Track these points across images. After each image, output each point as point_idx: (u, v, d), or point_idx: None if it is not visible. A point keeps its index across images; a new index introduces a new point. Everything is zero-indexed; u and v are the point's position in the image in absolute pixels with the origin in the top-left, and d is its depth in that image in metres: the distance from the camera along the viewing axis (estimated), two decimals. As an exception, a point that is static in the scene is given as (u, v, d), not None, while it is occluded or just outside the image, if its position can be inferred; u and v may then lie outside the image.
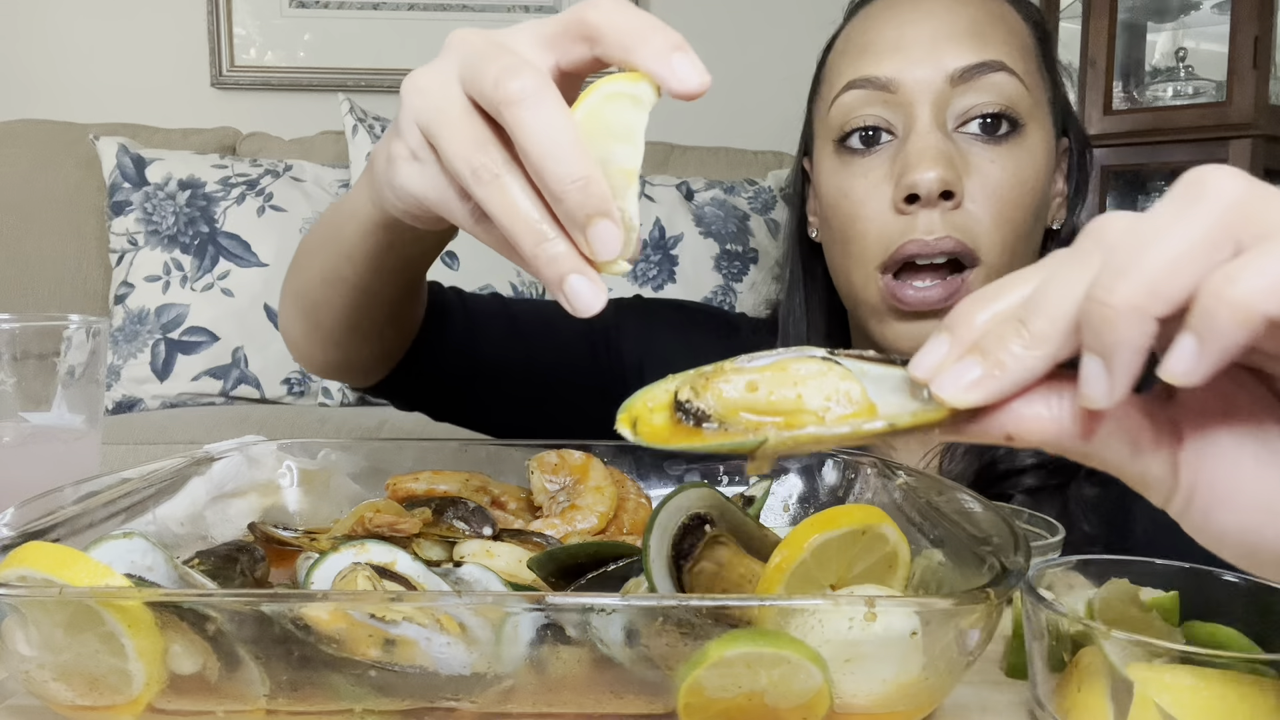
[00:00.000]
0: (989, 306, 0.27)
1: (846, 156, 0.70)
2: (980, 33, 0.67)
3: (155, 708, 0.34)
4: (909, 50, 0.67)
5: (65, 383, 0.58)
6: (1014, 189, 0.66)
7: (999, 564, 0.35)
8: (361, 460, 0.59)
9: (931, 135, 0.65)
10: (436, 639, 0.33)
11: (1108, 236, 0.25)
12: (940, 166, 0.63)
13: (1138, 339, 0.23)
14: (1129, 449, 0.27)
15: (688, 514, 0.42)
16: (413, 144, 0.38)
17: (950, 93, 0.66)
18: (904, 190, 0.65)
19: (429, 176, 0.38)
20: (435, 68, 0.37)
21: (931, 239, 0.65)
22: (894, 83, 0.67)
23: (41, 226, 1.96)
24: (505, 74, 0.33)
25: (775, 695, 0.32)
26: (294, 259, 0.64)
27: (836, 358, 0.31)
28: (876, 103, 0.68)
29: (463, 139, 0.35)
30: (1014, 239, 0.67)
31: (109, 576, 0.35)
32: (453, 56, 0.36)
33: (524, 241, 0.34)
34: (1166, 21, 2.31)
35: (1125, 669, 0.33)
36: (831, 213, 0.72)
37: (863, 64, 0.69)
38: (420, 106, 0.37)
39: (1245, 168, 1.76)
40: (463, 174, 0.35)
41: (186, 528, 0.50)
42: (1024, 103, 0.67)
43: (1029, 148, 0.67)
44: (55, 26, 2.28)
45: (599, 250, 0.33)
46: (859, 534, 0.39)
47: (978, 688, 0.41)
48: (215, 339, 1.77)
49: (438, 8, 2.33)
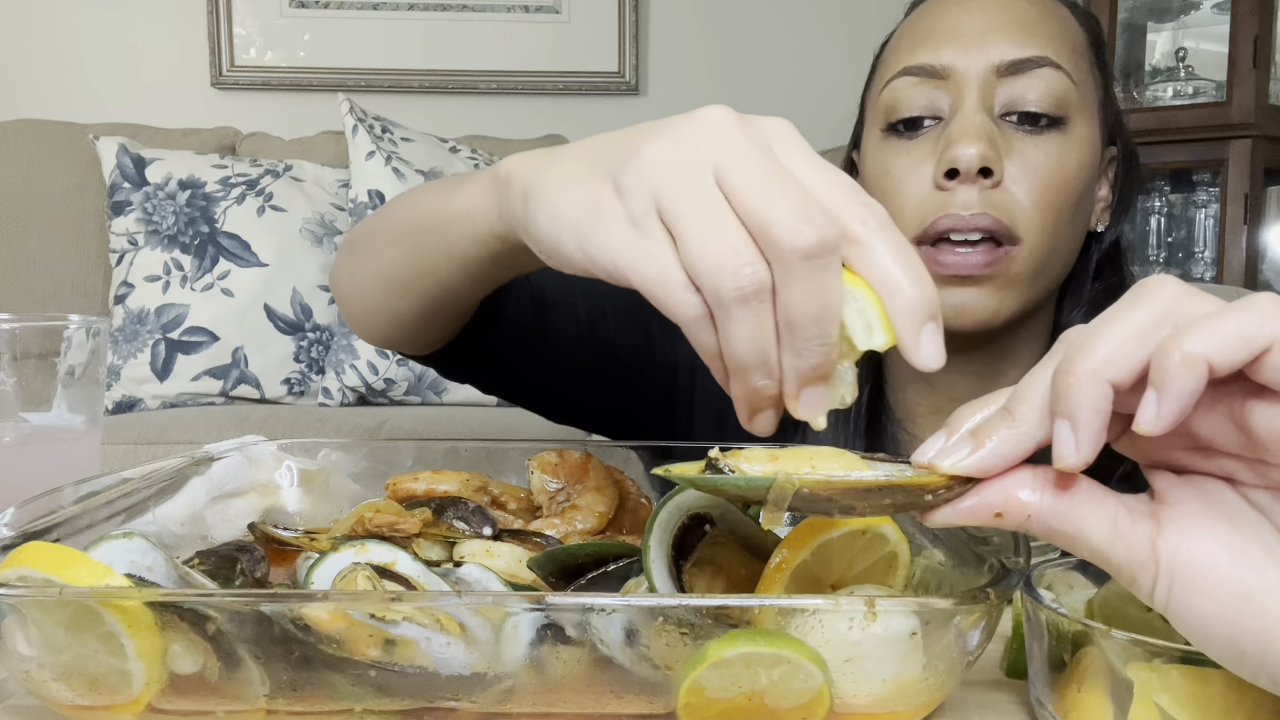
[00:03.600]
0: (980, 410, 0.31)
1: (892, 138, 0.71)
2: (1032, 28, 0.68)
3: (155, 708, 0.34)
4: (962, 39, 0.68)
5: (65, 383, 0.58)
6: (1055, 174, 0.67)
7: (999, 564, 0.35)
8: (361, 460, 0.59)
9: (977, 115, 0.66)
10: (436, 639, 0.33)
11: (1069, 336, 0.30)
12: (981, 143, 0.64)
13: (1097, 400, 0.27)
14: (1109, 530, 0.29)
15: (688, 514, 0.42)
16: (636, 210, 0.34)
17: (997, 82, 0.67)
18: (945, 165, 0.65)
19: (650, 254, 0.34)
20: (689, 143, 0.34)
21: (968, 214, 0.65)
22: (946, 69, 0.68)
23: (41, 226, 1.96)
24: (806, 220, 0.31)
25: (775, 695, 0.32)
26: (372, 232, 0.60)
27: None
28: (926, 87, 0.69)
29: (725, 243, 0.32)
30: (1054, 224, 0.67)
31: (109, 576, 0.35)
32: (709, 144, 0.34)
33: (751, 370, 0.33)
34: (1166, 21, 2.31)
35: (1125, 669, 0.33)
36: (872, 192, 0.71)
37: (918, 52, 0.70)
38: (667, 178, 0.34)
39: (1245, 167, 1.76)
40: (719, 284, 0.32)
41: (186, 528, 0.50)
42: (1070, 98, 0.68)
43: (1073, 140, 0.68)
44: (55, 26, 2.28)
45: (801, 410, 0.34)
46: (859, 534, 0.39)
47: (978, 688, 0.41)
48: (215, 339, 1.77)
49: (438, 8, 2.33)
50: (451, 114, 2.33)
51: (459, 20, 2.34)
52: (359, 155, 1.84)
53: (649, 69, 2.42)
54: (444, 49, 2.34)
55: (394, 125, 1.91)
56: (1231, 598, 0.28)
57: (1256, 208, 2.05)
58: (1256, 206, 2.05)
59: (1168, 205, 2.28)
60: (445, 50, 2.34)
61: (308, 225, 1.88)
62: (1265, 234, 2.15)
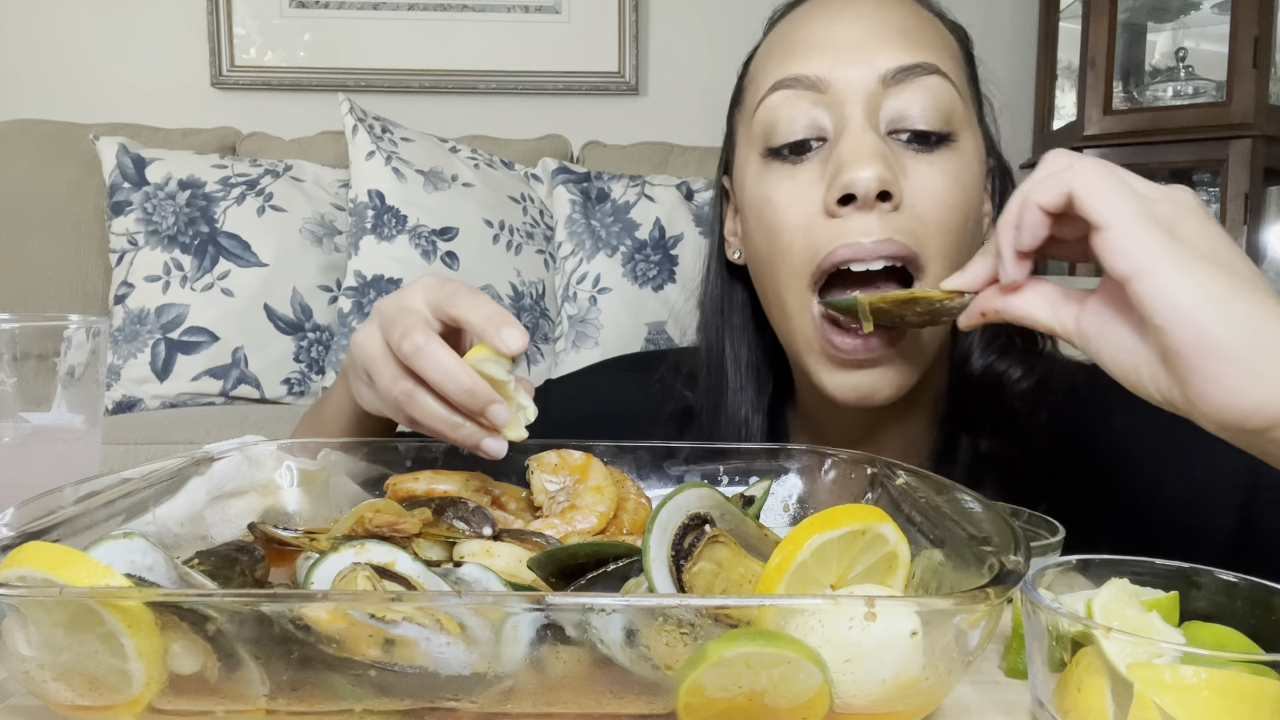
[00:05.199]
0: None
1: (774, 163, 0.65)
2: (913, 35, 0.63)
3: (155, 708, 0.34)
4: (839, 48, 0.63)
5: (65, 383, 0.58)
6: (953, 193, 0.62)
7: (999, 564, 0.35)
8: (361, 460, 0.59)
9: (866, 134, 0.61)
10: (436, 639, 0.33)
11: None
12: (878, 164, 0.59)
13: (1009, 242, 0.48)
14: (1050, 309, 0.48)
15: (688, 514, 0.42)
16: (362, 376, 0.56)
17: (883, 94, 0.62)
18: (839, 190, 0.60)
19: (376, 396, 0.55)
20: (367, 329, 0.55)
21: (869, 241, 0.60)
22: (824, 81, 0.62)
23: (41, 226, 1.96)
24: (403, 337, 0.50)
25: (775, 695, 0.32)
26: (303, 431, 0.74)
27: None
28: (805, 102, 0.63)
29: (388, 376, 0.52)
30: (955, 249, 0.62)
31: (109, 576, 0.35)
32: (376, 319, 0.54)
33: (444, 430, 0.51)
34: (1166, 21, 2.31)
35: (1125, 669, 0.33)
36: (755, 225, 0.67)
37: (790, 63, 0.64)
38: (362, 355, 0.54)
39: (1245, 167, 1.76)
40: (393, 397, 0.52)
41: (186, 528, 0.50)
42: (957, 111, 0.63)
43: (964, 156, 0.64)
44: (55, 26, 2.28)
45: (497, 422, 0.50)
46: (859, 534, 0.39)
47: (978, 688, 0.41)
48: (215, 339, 1.77)
49: (438, 8, 2.33)
50: (451, 114, 2.33)
51: (459, 20, 2.34)
52: (359, 155, 1.84)
53: (649, 69, 2.42)
54: (444, 49, 2.34)
55: (394, 125, 1.91)
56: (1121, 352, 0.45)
57: (1256, 208, 2.05)
58: (1256, 206, 2.05)
59: (1168, 205, 2.27)
60: (445, 50, 2.34)
61: (308, 225, 1.88)
62: (1265, 234, 2.15)
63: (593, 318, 1.88)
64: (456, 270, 1.82)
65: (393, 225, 1.80)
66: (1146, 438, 0.65)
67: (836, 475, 0.56)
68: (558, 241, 1.94)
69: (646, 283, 1.89)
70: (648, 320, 1.88)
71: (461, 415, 0.50)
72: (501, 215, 1.88)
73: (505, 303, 1.85)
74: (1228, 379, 0.41)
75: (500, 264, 1.86)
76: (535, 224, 1.93)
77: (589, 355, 1.85)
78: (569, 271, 1.91)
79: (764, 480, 0.57)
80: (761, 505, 0.54)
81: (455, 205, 1.84)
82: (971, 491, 0.44)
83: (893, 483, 0.50)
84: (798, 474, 0.58)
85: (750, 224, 0.68)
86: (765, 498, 0.55)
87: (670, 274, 1.90)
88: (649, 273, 1.89)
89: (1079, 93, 2.18)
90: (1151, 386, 0.44)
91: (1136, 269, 0.42)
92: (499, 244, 1.86)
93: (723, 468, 0.59)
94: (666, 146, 2.20)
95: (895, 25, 0.63)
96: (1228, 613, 0.38)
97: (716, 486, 0.49)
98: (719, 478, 0.58)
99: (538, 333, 1.89)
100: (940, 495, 0.45)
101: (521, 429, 0.51)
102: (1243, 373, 0.41)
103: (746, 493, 0.55)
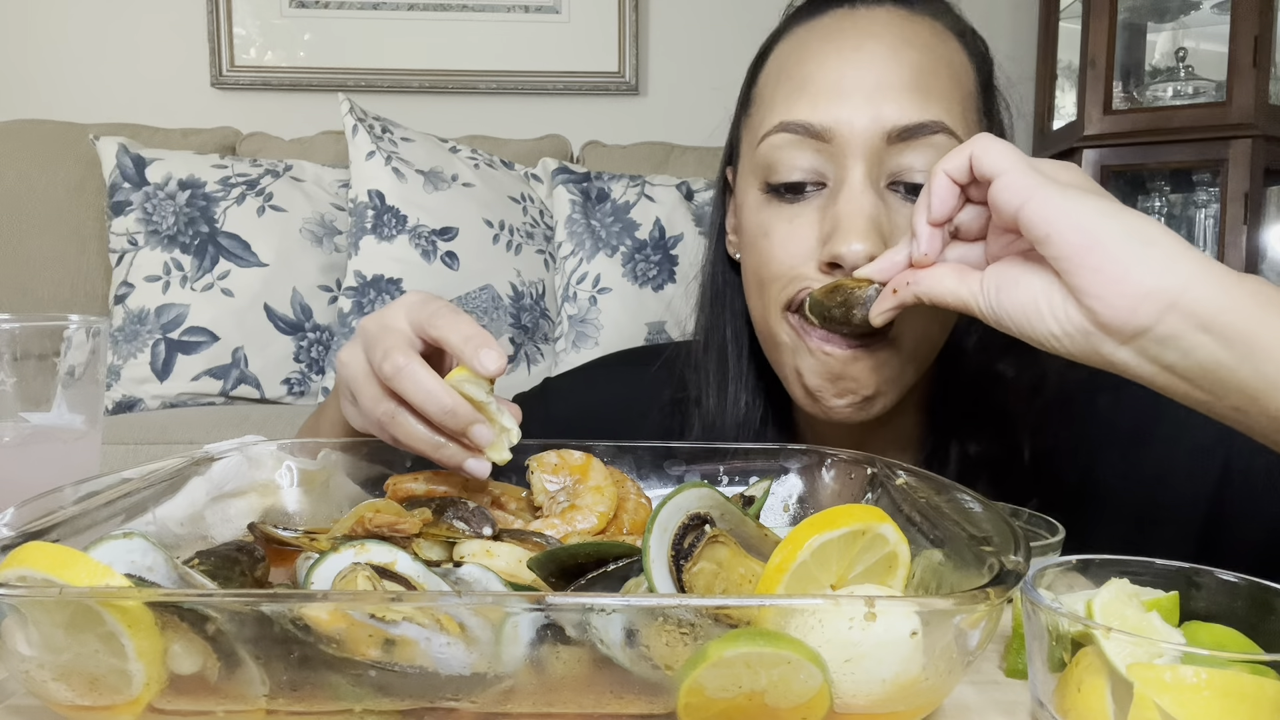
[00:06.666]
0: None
1: (773, 200, 0.67)
2: (924, 85, 0.63)
3: (155, 708, 0.34)
4: (848, 98, 0.63)
5: (65, 383, 0.58)
6: None
7: (999, 564, 0.35)
8: (361, 460, 0.59)
9: (864, 197, 0.62)
10: (436, 639, 0.33)
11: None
12: (869, 240, 0.60)
13: (922, 221, 0.53)
14: (956, 281, 0.52)
15: (688, 514, 0.42)
16: (346, 395, 0.57)
17: (886, 150, 0.62)
18: (829, 254, 0.62)
19: (361, 415, 0.56)
20: (350, 348, 0.56)
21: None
22: (829, 131, 0.63)
23: (41, 226, 1.96)
24: (384, 358, 0.52)
25: (775, 695, 0.32)
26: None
27: None
28: (808, 150, 0.64)
29: (370, 396, 0.54)
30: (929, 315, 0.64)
31: (109, 576, 0.35)
32: (360, 339, 0.56)
33: (426, 450, 0.52)
34: (1166, 21, 2.31)
35: (1125, 669, 0.33)
36: (750, 247, 0.70)
37: (798, 106, 0.65)
38: (345, 375, 0.56)
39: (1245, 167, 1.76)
40: (375, 417, 0.54)
41: (186, 528, 0.50)
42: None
43: None
44: (55, 26, 2.28)
45: (479, 443, 0.51)
46: (859, 534, 0.39)
47: (978, 688, 0.41)
48: (215, 339, 1.77)
49: (438, 8, 2.33)
50: (451, 114, 2.33)
51: (459, 20, 2.34)
52: (359, 155, 1.84)
53: (649, 69, 2.42)
54: (444, 49, 2.34)
55: (394, 125, 1.91)
56: (1023, 304, 0.48)
57: (1256, 208, 2.05)
58: (1256, 206, 2.05)
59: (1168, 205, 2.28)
60: (445, 50, 2.34)
61: (308, 225, 1.88)
62: (1265, 234, 2.15)
63: (593, 318, 1.88)
64: (456, 270, 1.82)
65: (393, 225, 1.80)
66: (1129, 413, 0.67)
67: (836, 475, 0.56)
68: (558, 241, 1.94)
69: (646, 283, 1.89)
70: (648, 320, 1.89)
71: (444, 435, 0.52)
72: (501, 215, 1.88)
73: (505, 303, 1.85)
74: (1116, 266, 0.44)
75: (500, 264, 1.86)
76: (535, 224, 1.93)
77: (589, 355, 1.85)
78: (569, 271, 1.91)
79: (764, 480, 0.57)
80: (761, 505, 0.54)
81: (455, 205, 1.84)
82: (971, 491, 0.44)
83: (893, 483, 0.50)
84: (798, 474, 0.58)
85: (746, 242, 0.71)
86: (765, 498, 0.55)
87: (670, 274, 1.90)
88: (649, 273, 1.89)
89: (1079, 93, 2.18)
90: (1052, 320, 0.47)
91: (1024, 197, 0.47)
92: (499, 244, 1.87)
93: (723, 468, 0.59)
94: (666, 146, 2.20)
95: (907, 75, 0.63)
96: (1228, 613, 0.38)
97: (716, 486, 0.49)
98: (719, 478, 0.58)
99: (538, 333, 1.89)
100: (940, 495, 0.45)
101: (505, 450, 0.52)
102: (1129, 257, 0.44)
103: (746, 493, 0.55)
